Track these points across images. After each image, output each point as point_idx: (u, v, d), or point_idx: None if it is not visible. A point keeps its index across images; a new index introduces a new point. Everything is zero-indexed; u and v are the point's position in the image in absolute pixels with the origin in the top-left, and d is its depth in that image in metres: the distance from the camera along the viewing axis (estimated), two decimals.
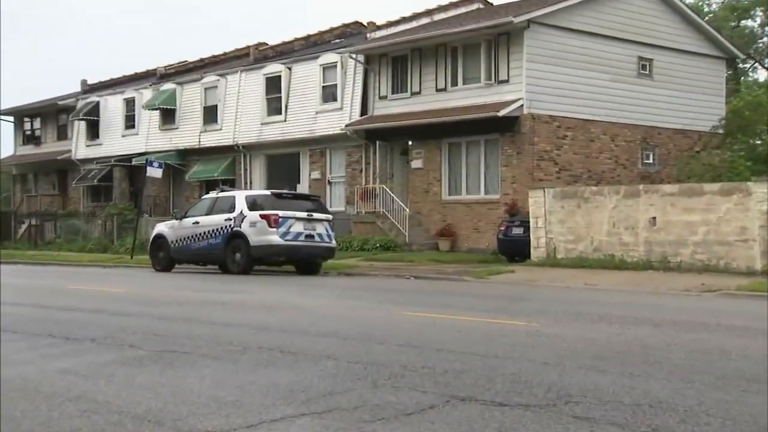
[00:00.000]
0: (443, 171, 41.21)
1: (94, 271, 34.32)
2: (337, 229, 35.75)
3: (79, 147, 62.05)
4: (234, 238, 30.20)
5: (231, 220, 30.32)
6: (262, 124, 49.20)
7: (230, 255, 30.38)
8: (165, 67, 61.25)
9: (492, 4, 47.75)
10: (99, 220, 55.53)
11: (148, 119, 56.68)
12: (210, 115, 52.33)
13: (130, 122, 58.16)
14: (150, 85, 57.93)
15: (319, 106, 46.12)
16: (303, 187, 46.44)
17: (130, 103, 58.45)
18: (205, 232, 31.18)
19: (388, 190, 42.33)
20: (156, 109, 55.20)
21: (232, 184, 49.22)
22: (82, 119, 61.12)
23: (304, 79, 46.92)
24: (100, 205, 59.64)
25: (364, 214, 42.87)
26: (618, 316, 15.59)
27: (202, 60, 60.10)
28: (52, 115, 67.11)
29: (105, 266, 38.90)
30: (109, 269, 36.96)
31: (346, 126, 44.14)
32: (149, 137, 56.45)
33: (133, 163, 55.30)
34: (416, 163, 42.10)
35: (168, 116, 55.13)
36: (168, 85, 55.70)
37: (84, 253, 49.01)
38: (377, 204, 42.70)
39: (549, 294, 21.73)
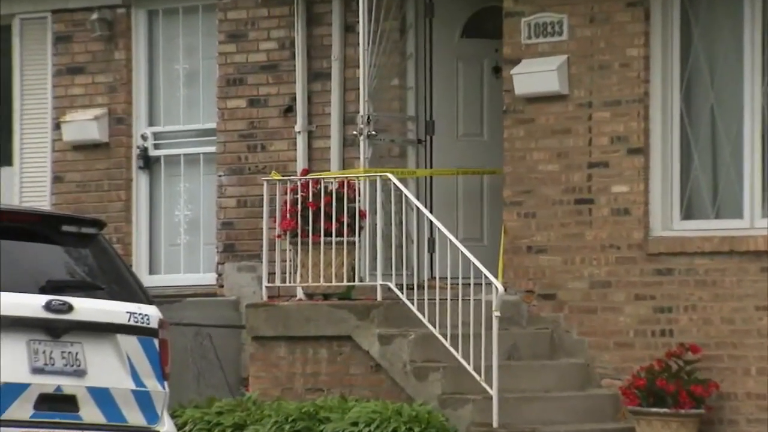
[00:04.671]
0: (672, 101, 12.46)
1: None
2: (182, 359, 12.37)
3: None
4: None
5: None
6: None
7: None
8: None
9: None
10: None
11: None
12: None
13: None
14: None
15: None
16: (23, 184, 15.79)
17: None
18: None
19: (411, 196, 12.30)
20: None
21: None
22: None
23: None
24: None
25: (304, 301, 12.48)
26: None
27: None
28: None
29: None
30: None
31: None
32: None
33: None
34: (533, 75, 12.52)
35: None
36: None
37: None
38: (364, 257, 12.32)
39: None
